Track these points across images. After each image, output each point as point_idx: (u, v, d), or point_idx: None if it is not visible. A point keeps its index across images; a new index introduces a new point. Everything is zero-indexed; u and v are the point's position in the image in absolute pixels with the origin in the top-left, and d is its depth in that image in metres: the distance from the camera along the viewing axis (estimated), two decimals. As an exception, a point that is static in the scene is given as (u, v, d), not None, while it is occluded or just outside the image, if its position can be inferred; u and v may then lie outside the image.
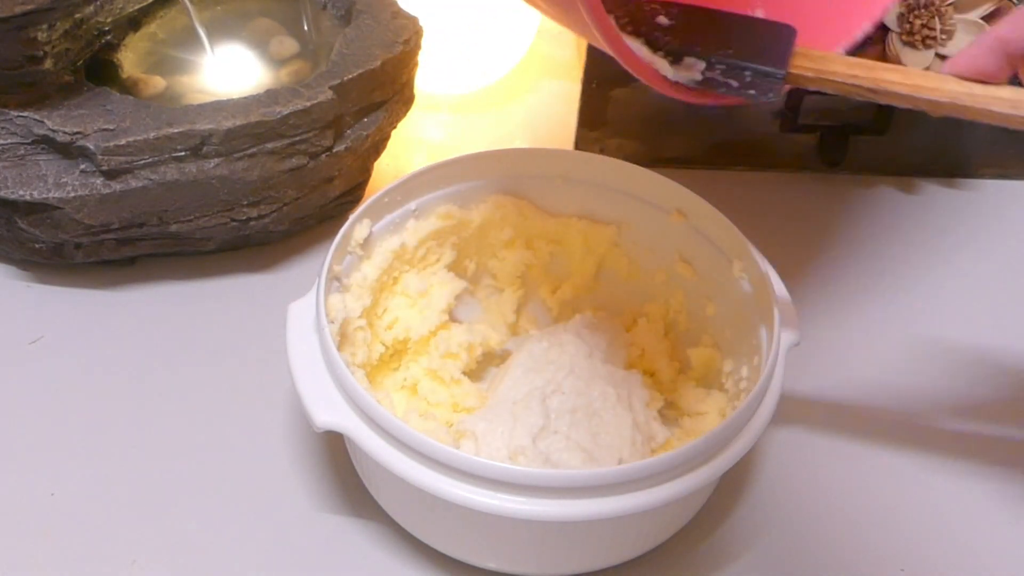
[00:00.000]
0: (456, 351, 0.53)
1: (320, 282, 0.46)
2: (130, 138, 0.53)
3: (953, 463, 0.53)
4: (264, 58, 0.66)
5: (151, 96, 0.62)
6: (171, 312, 0.59)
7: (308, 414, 0.42)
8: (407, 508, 0.46)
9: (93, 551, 0.47)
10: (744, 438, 0.42)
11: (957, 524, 0.50)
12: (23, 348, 0.56)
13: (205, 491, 0.50)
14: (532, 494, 0.39)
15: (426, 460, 0.40)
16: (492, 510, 0.39)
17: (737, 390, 0.49)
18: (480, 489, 0.39)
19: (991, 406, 0.56)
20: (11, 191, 0.54)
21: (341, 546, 0.48)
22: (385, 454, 0.41)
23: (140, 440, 0.52)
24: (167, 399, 0.54)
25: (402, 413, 0.51)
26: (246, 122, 0.54)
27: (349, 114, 0.60)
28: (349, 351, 0.49)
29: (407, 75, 0.63)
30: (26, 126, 0.55)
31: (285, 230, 0.61)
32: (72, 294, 0.59)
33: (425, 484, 0.40)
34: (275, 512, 0.49)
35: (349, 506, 0.49)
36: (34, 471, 0.50)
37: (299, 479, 0.50)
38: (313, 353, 0.44)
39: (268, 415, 0.53)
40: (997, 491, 0.52)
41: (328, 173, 0.60)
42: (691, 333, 0.55)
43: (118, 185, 0.54)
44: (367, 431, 0.41)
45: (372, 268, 0.51)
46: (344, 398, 0.42)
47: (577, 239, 0.56)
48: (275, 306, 0.48)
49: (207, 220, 0.57)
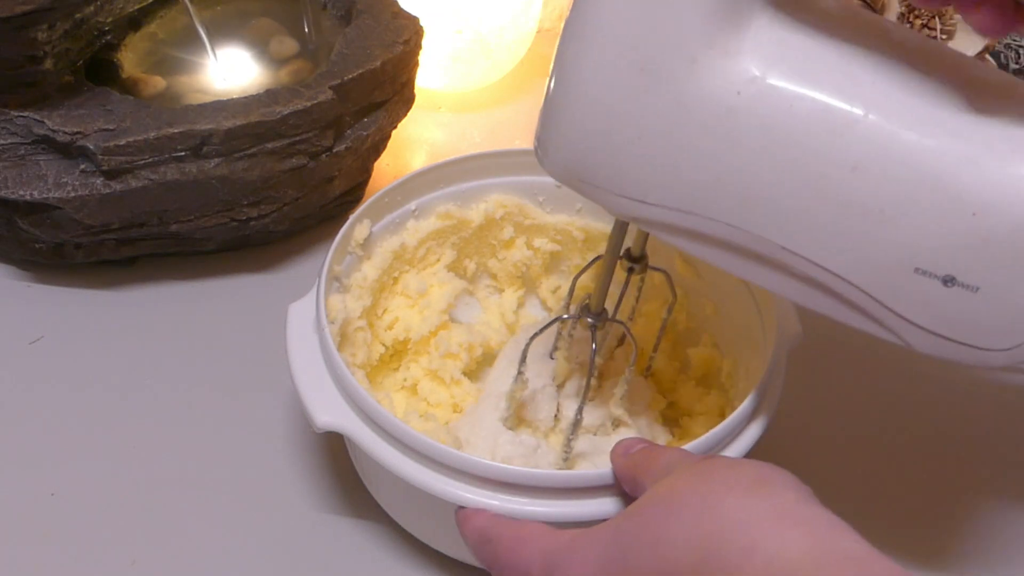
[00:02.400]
0: (456, 351, 0.53)
1: (320, 282, 0.46)
2: (130, 138, 0.53)
3: (953, 463, 0.53)
4: (264, 58, 0.66)
5: (151, 96, 0.62)
6: (171, 312, 0.59)
7: (309, 415, 0.42)
8: (407, 508, 0.46)
9: (93, 551, 0.47)
10: (744, 438, 0.42)
11: (957, 523, 0.50)
12: (23, 348, 0.56)
13: (205, 491, 0.50)
14: (532, 495, 0.39)
15: (426, 460, 0.40)
16: (493, 510, 0.39)
17: (737, 390, 0.49)
18: (480, 489, 0.39)
19: (992, 406, 0.56)
20: (11, 191, 0.54)
21: (341, 546, 0.48)
22: (386, 454, 0.41)
23: (140, 440, 0.52)
24: (167, 399, 0.54)
25: (402, 414, 0.51)
26: (246, 122, 0.54)
27: (349, 114, 0.60)
28: (349, 352, 0.49)
29: (407, 75, 0.63)
30: (26, 126, 0.55)
31: (285, 230, 0.61)
32: (72, 294, 0.59)
33: (425, 484, 0.40)
34: (275, 512, 0.49)
35: (349, 506, 0.49)
36: (34, 471, 0.50)
37: (299, 479, 0.50)
38: (313, 354, 0.44)
39: (268, 415, 0.53)
40: (998, 491, 0.52)
41: (328, 173, 0.60)
42: (691, 333, 0.55)
43: (118, 185, 0.54)
44: (368, 432, 0.41)
45: (372, 268, 0.51)
46: (344, 399, 0.42)
47: (577, 239, 0.56)
48: (275, 306, 0.48)
49: (207, 220, 0.57)
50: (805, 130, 0.34)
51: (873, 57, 0.35)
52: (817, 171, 0.34)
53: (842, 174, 0.34)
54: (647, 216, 0.37)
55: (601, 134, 0.36)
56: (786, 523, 0.30)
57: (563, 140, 0.37)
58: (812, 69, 0.34)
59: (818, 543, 0.29)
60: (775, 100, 0.34)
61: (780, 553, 0.29)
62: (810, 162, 0.34)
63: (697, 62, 0.34)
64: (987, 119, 0.34)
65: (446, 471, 0.40)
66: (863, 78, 0.34)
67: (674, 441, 0.50)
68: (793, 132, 0.34)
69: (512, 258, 0.56)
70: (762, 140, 0.35)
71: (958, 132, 0.34)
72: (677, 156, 0.36)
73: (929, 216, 0.34)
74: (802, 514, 0.31)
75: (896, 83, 0.34)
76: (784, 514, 0.31)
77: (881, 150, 0.34)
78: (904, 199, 0.34)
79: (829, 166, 0.34)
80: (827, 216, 0.35)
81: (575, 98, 0.36)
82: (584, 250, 0.56)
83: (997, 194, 0.33)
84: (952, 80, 0.35)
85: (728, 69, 0.34)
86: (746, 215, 0.36)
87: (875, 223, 0.35)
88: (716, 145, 0.35)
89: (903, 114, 0.34)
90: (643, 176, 0.37)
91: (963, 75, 0.35)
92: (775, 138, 0.34)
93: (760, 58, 0.34)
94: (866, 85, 0.34)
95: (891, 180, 0.34)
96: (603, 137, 0.36)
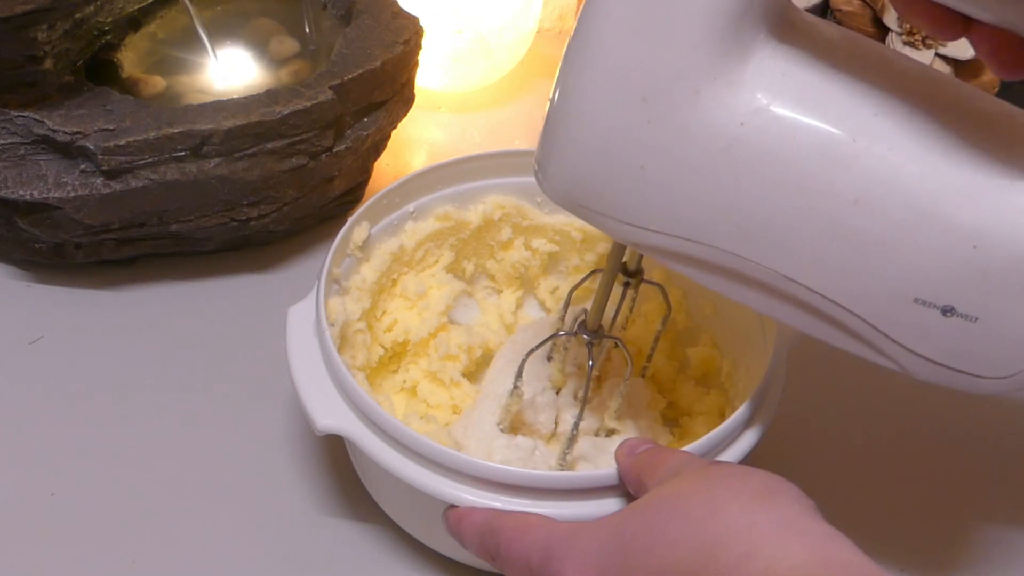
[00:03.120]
0: (455, 353, 0.53)
1: (320, 285, 0.46)
2: (130, 138, 0.53)
3: (954, 462, 0.53)
4: (264, 58, 0.66)
5: (151, 96, 0.62)
6: (171, 312, 0.59)
7: (309, 418, 0.42)
8: (409, 511, 0.46)
9: (93, 551, 0.47)
10: (744, 439, 0.42)
11: (957, 524, 0.50)
12: (23, 348, 0.56)
13: (204, 492, 0.50)
14: (535, 496, 0.39)
15: (428, 463, 0.40)
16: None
17: (737, 390, 0.49)
18: (483, 491, 0.39)
19: (993, 405, 0.56)
20: (11, 191, 0.54)
21: (342, 549, 0.48)
22: (387, 457, 0.41)
23: (140, 440, 0.52)
24: (167, 399, 0.54)
25: (402, 416, 0.51)
26: (246, 122, 0.54)
27: (349, 114, 0.60)
28: (349, 354, 0.49)
29: (407, 75, 0.63)
30: (26, 126, 0.55)
31: (285, 230, 0.61)
32: (72, 294, 0.59)
33: (428, 487, 0.40)
34: (273, 513, 0.49)
35: (349, 509, 0.49)
36: (34, 471, 0.50)
37: (298, 480, 0.50)
38: (313, 357, 0.44)
39: (267, 415, 0.53)
40: (998, 491, 0.52)
41: (328, 173, 0.60)
42: (690, 332, 0.55)
43: (118, 185, 0.54)
44: (369, 434, 0.41)
45: (371, 270, 0.51)
46: (345, 401, 0.42)
47: (575, 239, 0.56)
48: (275, 306, 0.48)
49: (207, 220, 0.57)
50: (808, 161, 0.34)
51: (875, 88, 0.35)
52: (819, 203, 0.35)
53: (844, 206, 0.34)
54: (649, 243, 0.38)
55: (602, 162, 0.36)
56: (787, 533, 0.30)
57: (563, 165, 0.37)
58: (815, 100, 0.35)
59: (816, 552, 0.30)
60: (778, 131, 0.34)
61: (779, 560, 0.29)
62: (813, 193, 0.35)
63: (700, 93, 0.34)
64: (987, 151, 0.34)
65: (449, 473, 0.40)
66: (865, 110, 0.35)
67: (674, 441, 0.50)
68: (796, 163, 0.34)
69: (510, 259, 0.56)
70: (765, 171, 0.35)
71: (959, 165, 0.34)
72: (680, 185, 0.36)
73: (929, 248, 0.34)
74: (804, 525, 0.31)
75: (898, 115, 0.35)
76: (786, 524, 0.31)
77: (882, 184, 0.34)
78: (904, 232, 0.34)
79: (831, 198, 0.34)
80: (829, 247, 0.35)
81: (576, 125, 0.36)
82: (582, 250, 0.56)
83: (997, 227, 0.34)
84: (953, 112, 0.35)
85: (731, 100, 0.34)
86: (749, 244, 0.36)
87: (876, 254, 0.35)
88: (719, 175, 0.35)
89: (905, 147, 0.34)
90: (645, 204, 0.37)
91: (964, 107, 0.35)
92: (778, 169, 0.35)
93: (764, 89, 0.34)
94: (868, 117, 0.34)
95: (892, 212, 0.34)
96: (604, 165, 0.36)
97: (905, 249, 0.34)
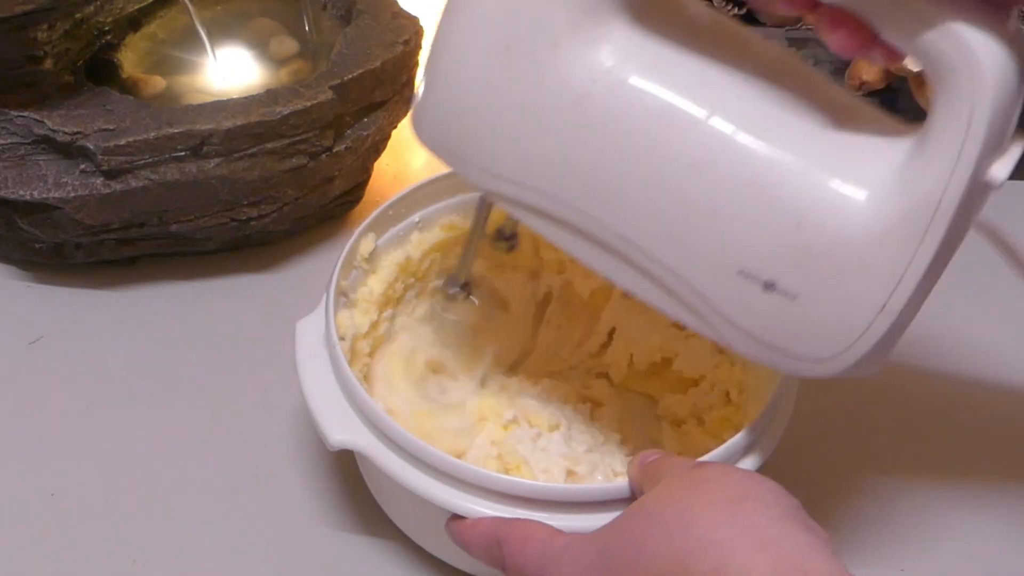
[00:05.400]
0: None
1: (328, 298, 0.45)
2: (130, 138, 0.53)
3: (955, 463, 0.53)
4: (264, 58, 0.66)
5: (151, 96, 0.62)
6: (171, 312, 0.59)
7: (322, 433, 0.41)
8: (424, 525, 0.45)
9: (93, 551, 0.47)
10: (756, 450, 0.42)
11: (958, 524, 0.50)
12: (23, 348, 0.56)
13: (204, 492, 0.49)
14: (552, 509, 0.39)
15: (444, 477, 0.39)
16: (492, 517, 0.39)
17: (737, 390, 0.49)
18: (499, 505, 0.39)
19: (994, 405, 0.56)
20: (11, 191, 0.54)
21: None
22: (402, 471, 0.40)
23: (140, 441, 0.52)
24: (167, 399, 0.54)
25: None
26: (246, 122, 0.54)
27: (349, 114, 0.60)
28: (358, 367, 0.48)
29: (407, 75, 0.63)
30: (26, 126, 0.55)
31: (285, 230, 0.61)
32: (72, 294, 0.59)
33: (444, 501, 0.39)
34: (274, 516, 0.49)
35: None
36: (34, 471, 0.50)
37: (305, 490, 0.50)
38: (324, 371, 0.43)
39: (267, 414, 0.53)
40: (999, 491, 0.52)
41: (328, 173, 0.60)
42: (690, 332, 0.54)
43: (118, 185, 0.54)
44: (383, 449, 0.41)
45: (378, 282, 0.50)
46: (358, 416, 0.42)
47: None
48: (275, 305, 0.48)
49: (207, 220, 0.57)
50: (650, 125, 0.36)
51: (728, 66, 0.36)
52: (658, 165, 0.36)
53: (680, 171, 0.36)
54: (503, 192, 0.39)
55: (466, 107, 0.38)
56: (755, 544, 0.31)
57: (433, 111, 0.39)
58: (666, 69, 0.36)
59: (781, 564, 0.30)
60: (626, 92, 0.36)
61: (745, 574, 0.30)
62: (652, 156, 0.36)
63: (559, 47, 0.36)
64: (823, 134, 0.36)
65: (465, 487, 0.39)
66: (713, 84, 0.36)
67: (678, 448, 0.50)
68: (638, 125, 0.36)
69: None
70: (609, 129, 0.36)
71: (793, 143, 0.35)
72: (532, 135, 0.37)
73: (755, 221, 0.35)
74: (775, 533, 0.32)
75: (744, 92, 0.36)
76: (756, 534, 0.31)
77: (718, 152, 0.35)
78: (735, 201, 0.35)
79: (669, 162, 0.36)
80: (664, 210, 0.36)
81: (445, 71, 0.38)
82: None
83: (820, 207, 0.35)
84: (799, 95, 0.36)
85: (587, 57, 0.36)
86: (591, 201, 0.37)
87: (707, 221, 0.36)
88: (568, 129, 0.37)
89: (745, 121, 0.35)
90: (501, 151, 0.38)
91: (810, 92, 0.37)
92: (622, 129, 0.36)
93: (620, 52, 0.36)
94: (715, 90, 0.36)
95: (725, 181, 0.35)
96: (468, 110, 0.38)
97: (733, 219, 0.36)
